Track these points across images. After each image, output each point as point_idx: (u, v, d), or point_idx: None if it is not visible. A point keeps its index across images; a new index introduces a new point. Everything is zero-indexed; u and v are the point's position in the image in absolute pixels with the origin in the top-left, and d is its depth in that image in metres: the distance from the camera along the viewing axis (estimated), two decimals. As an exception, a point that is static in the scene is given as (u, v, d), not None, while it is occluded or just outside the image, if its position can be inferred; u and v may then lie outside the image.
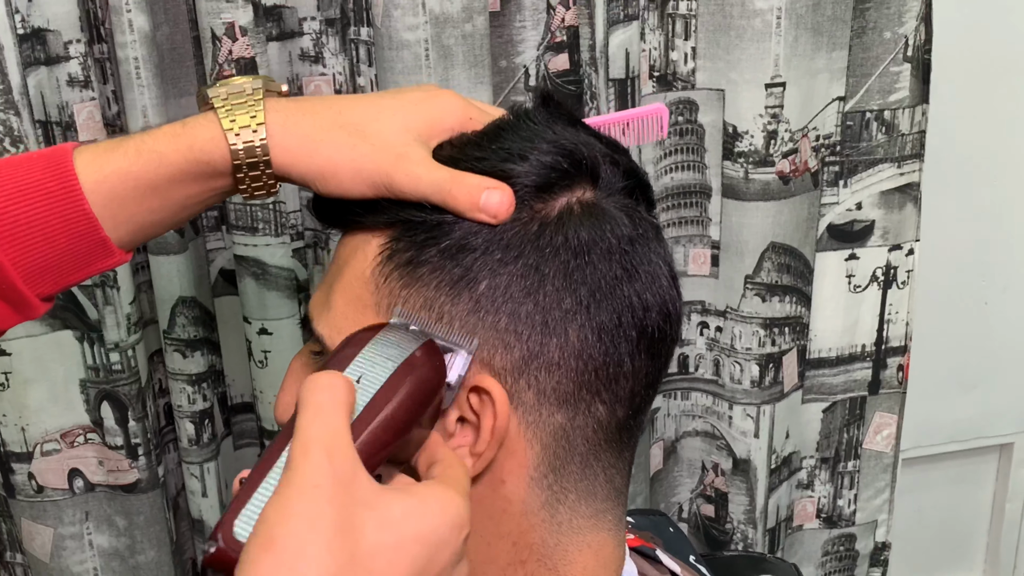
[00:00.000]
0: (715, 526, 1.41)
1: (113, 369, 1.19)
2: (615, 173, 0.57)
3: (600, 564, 0.58)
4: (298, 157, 0.57)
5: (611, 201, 0.56)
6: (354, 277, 0.57)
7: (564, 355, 0.54)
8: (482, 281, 0.54)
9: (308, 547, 0.42)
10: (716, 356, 1.33)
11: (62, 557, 1.27)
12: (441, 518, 0.47)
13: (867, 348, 1.37)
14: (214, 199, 0.60)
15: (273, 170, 0.57)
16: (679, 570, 0.66)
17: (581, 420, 0.55)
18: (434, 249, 0.54)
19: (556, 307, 0.54)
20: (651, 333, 0.56)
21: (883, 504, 1.46)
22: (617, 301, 0.55)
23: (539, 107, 0.58)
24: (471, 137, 0.58)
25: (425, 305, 0.54)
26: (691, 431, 1.39)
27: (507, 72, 1.15)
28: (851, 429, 1.41)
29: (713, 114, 1.24)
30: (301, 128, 0.57)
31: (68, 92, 1.12)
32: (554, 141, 0.56)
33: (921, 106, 1.26)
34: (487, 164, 0.55)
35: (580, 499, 0.57)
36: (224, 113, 0.57)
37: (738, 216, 1.25)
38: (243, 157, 0.56)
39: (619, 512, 0.60)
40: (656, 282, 0.56)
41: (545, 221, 0.54)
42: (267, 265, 1.16)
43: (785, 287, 1.28)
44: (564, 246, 0.54)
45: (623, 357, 0.55)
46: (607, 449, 0.57)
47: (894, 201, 1.31)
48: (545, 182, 0.55)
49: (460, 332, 0.54)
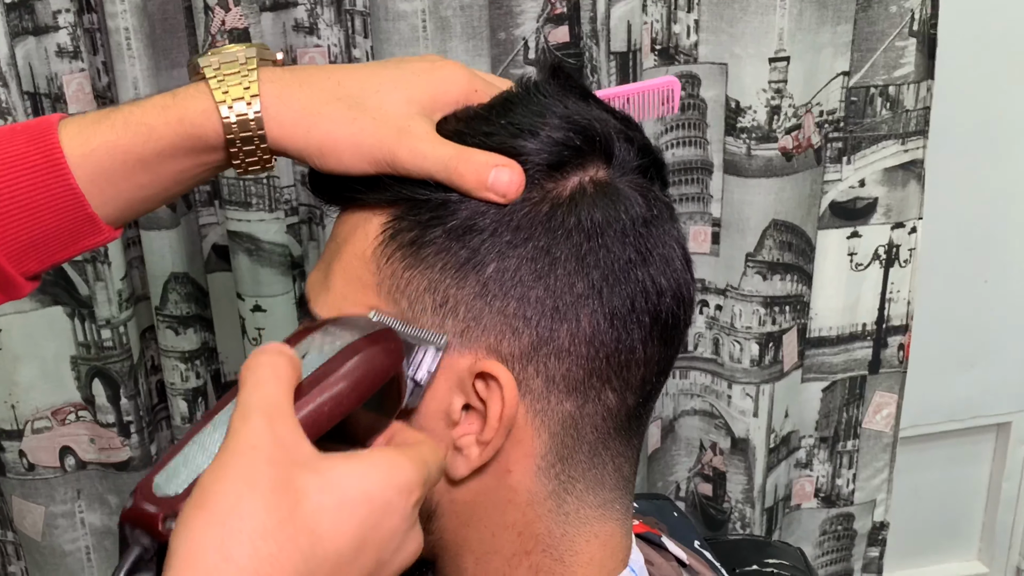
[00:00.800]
0: (713, 505, 1.40)
1: (104, 346, 1.18)
2: (629, 151, 0.55)
3: (607, 554, 0.57)
4: (294, 131, 0.54)
5: (625, 180, 0.54)
6: (354, 256, 0.55)
7: (575, 341, 0.52)
8: (490, 264, 0.51)
9: (243, 503, 0.42)
10: (716, 335, 1.32)
11: (54, 535, 1.25)
12: (388, 480, 0.46)
13: (868, 327, 1.36)
14: (207, 174, 0.58)
15: (268, 144, 0.55)
16: (685, 556, 0.65)
17: (591, 408, 0.53)
18: (439, 229, 0.52)
19: (567, 291, 0.51)
20: (665, 318, 0.54)
21: (882, 484, 1.45)
22: (630, 285, 0.52)
23: (549, 79, 0.56)
24: (478, 111, 0.55)
25: (429, 288, 0.52)
26: (689, 410, 1.38)
27: (506, 44, 1.13)
28: (851, 408, 1.40)
29: (715, 89, 1.21)
30: (297, 100, 0.54)
31: (57, 63, 1.09)
32: (566, 116, 0.53)
33: (926, 81, 1.25)
34: (496, 140, 0.53)
35: (588, 489, 0.55)
36: (216, 84, 0.54)
37: (740, 193, 1.23)
38: (236, 131, 0.54)
39: (627, 501, 0.58)
40: (670, 265, 0.54)
41: (557, 201, 0.52)
42: (261, 241, 1.14)
43: (786, 265, 1.26)
44: (577, 228, 0.52)
45: (635, 343, 0.53)
46: (616, 437, 0.55)
47: (897, 178, 1.29)
48: (557, 160, 0.52)
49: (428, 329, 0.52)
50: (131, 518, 0.45)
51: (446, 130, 0.54)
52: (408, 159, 0.53)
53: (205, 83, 0.55)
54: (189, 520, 0.42)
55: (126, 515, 0.45)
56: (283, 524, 0.42)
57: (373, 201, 0.54)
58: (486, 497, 0.54)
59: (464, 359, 0.52)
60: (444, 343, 0.52)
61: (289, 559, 0.41)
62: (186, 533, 0.41)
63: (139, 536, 0.44)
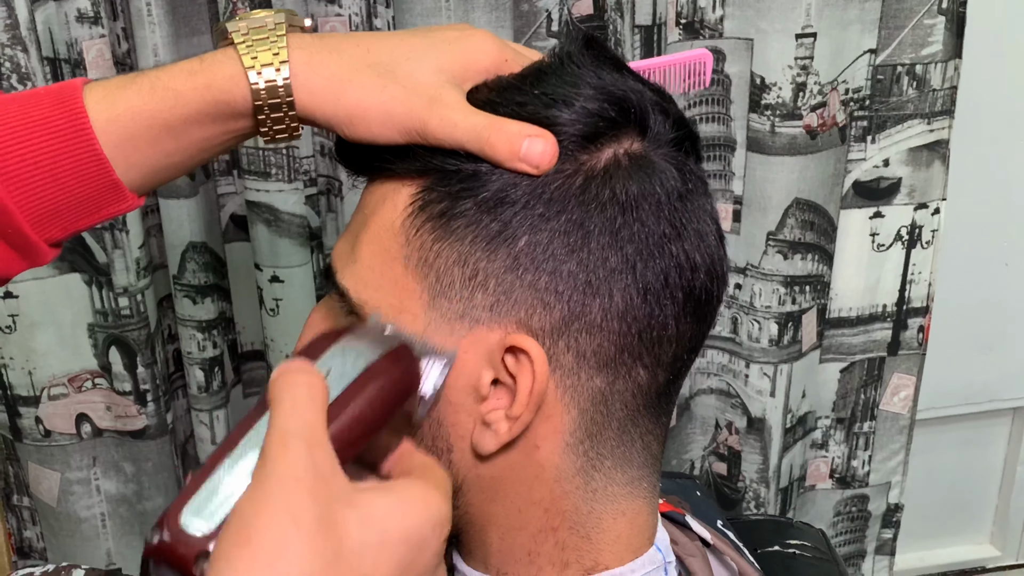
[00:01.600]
0: (727, 484, 1.40)
1: (122, 314, 1.17)
2: (664, 123, 0.53)
3: (634, 532, 0.56)
4: (324, 99, 0.53)
5: (660, 153, 0.53)
6: (382, 228, 0.53)
7: (607, 316, 0.51)
8: (521, 237, 0.50)
9: (290, 544, 0.39)
10: (734, 314, 1.31)
11: (69, 502, 1.26)
12: (424, 516, 0.44)
13: (888, 308, 1.35)
14: (233, 141, 0.57)
15: (297, 112, 0.54)
16: (709, 536, 0.64)
17: (621, 385, 0.53)
18: (470, 201, 0.51)
19: (601, 266, 0.51)
20: (698, 295, 0.53)
21: (897, 466, 1.44)
22: (664, 260, 0.51)
23: (583, 50, 0.55)
24: (510, 80, 0.54)
25: (459, 260, 0.51)
26: (706, 389, 1.37)
27: (528, 16, 1.12)
28: (868, 390, 1.39)
29: (740, 64, 1.20)
30: (327, 67, 0.53)
31: (77, 28, 1.08)
32: (600, 87, 0.52)
33: (954, 61, 1.23)
34: (529, 110, 0.51)
35: (616, 466, 0.55)
36: (245, 49, 0.53)
37: (762, 171, 1.22)
38: (265, 97, 0.53)
39: (654, 479, 0.57)
40: (704, 240, 0.53)
41: (591, 174, 0.51)
42: (279, 211, 1.14)
43: (808, 245, 1.25)
44: (611, 201, 0.51)
45: (668, 319, 0.52)
46: (646, 415, 0.55)
47: (922, 159, 1.28)
48: (591, 131, 0.51)
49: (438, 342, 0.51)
50: (159, 555, 0.42)
51: (478, 99, 0.53)
52: (439, 128, 0.52)
53: (233, 48, 0.54)
54: (232, 559, 0.39)
55: (153, 551, 0.42)
56: (330, 567, 0.40)
57: (402, 171, 0.53)
58: (513, 473, 0.54)
59: (494, 333, 0.51)
60: (453, 356, 0.51)
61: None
62: (229, 570, 0.39)
63: (165, 573, 0.42)
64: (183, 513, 0.42)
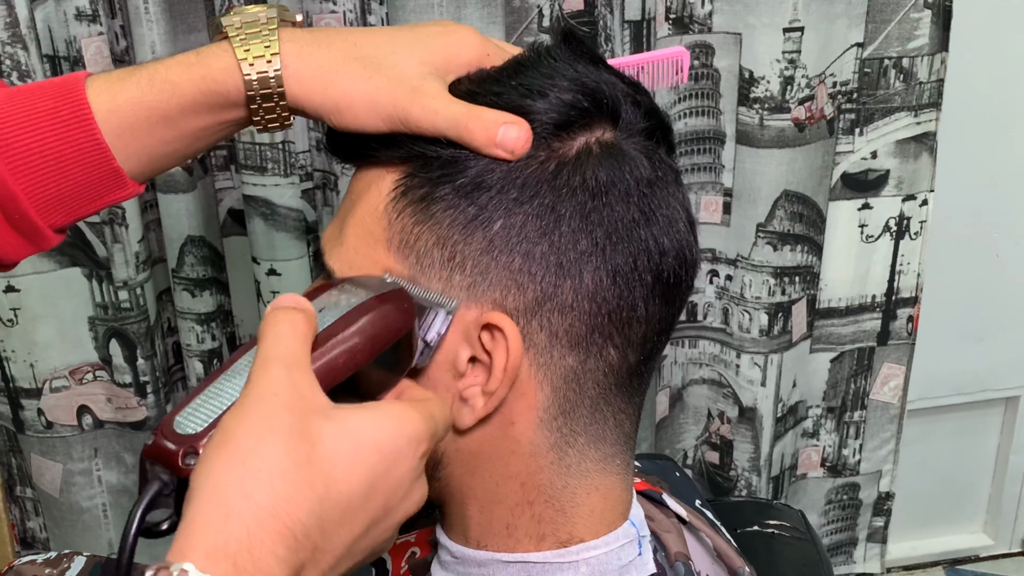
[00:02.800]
0: (719, 473, 1.42)
1: (122, 307, 1.19)
2: (636, 113, 0.56)
3: (608, 507, 0.58)
4: (313, 89, 0.56)
5: (631, 142, 0.55)
6: (367, 212, 0.56)
7: (578, 297, 0.53)
8: (496, 221, 0.53)
9: (263, 445, 0.43)
10: (725, 304, 1.33)
11: (71, 492, 1.28)
12: (399, 430, 0.48)
13: (877, 299, 1.36)
14: (227, 130, 0.59)
15: (287, 102, 0.56)
16: (685, 513, 0.66)
17: (592, 364, 0.55)
18: (448, 186, 0.54)
19: (571, 248, 0.53)
20: (666, 278, 0.55)
21: (888, 454, 1.46)
22: (633, 244, 0.54)
23: (560, 44, 0.57)
24: (490, 72, 0.57)
25: (438, 243, 0.54)
26: (698, 379, 1.39)
27: (520, 12, 1.14)
28: (858, 379, 1.41)
29: (729, 58, 1.22)
30: (316, 59, 0.56)
31: (76, 26, 1.10)
32: (575, 79, 0.55)
33: (940, 54, 1.24)
34: (506, 99, 0.54)
35: (589, 443, 0.57)
36: (238, 43, 0.56)
37: (752, 163, 1.24)
38: (257, 88, 0.55)
39: (627, 457, 0.60)
40: (673, 226, 0.55)
41: (563, 160, 0.53)
42: (276, 205, 1.16)
43: (797, 236, 1.27)
44: (582, 186, 0.53)
45: (637, 301, 0.54)
46: (617, 394, 0.57)
47: (910, 151, 1.29)
48: (564, 120, 0.54)
49: (440, 293, 0.54)
50: (152, 454, 0.47)
51: (459, 90, 0.55)
52: (421, 116, 0.54)
53: (227, 42, 0.56)
54: (211, 459, 0.43)
55: (147, 451, 0.47)
56: (300, 466, 0.44)
57: (387, 158, 0.56)
58: (490, 447, 0.56)
59: (471, 312, 0.54)
60: (455, 307, 0.54)
61: (305, 499, 0.43)
62: (208, 471, 0.43)
63: (159, 472, 0.46)
64: (175, 420, 0.47)
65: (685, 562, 0.62)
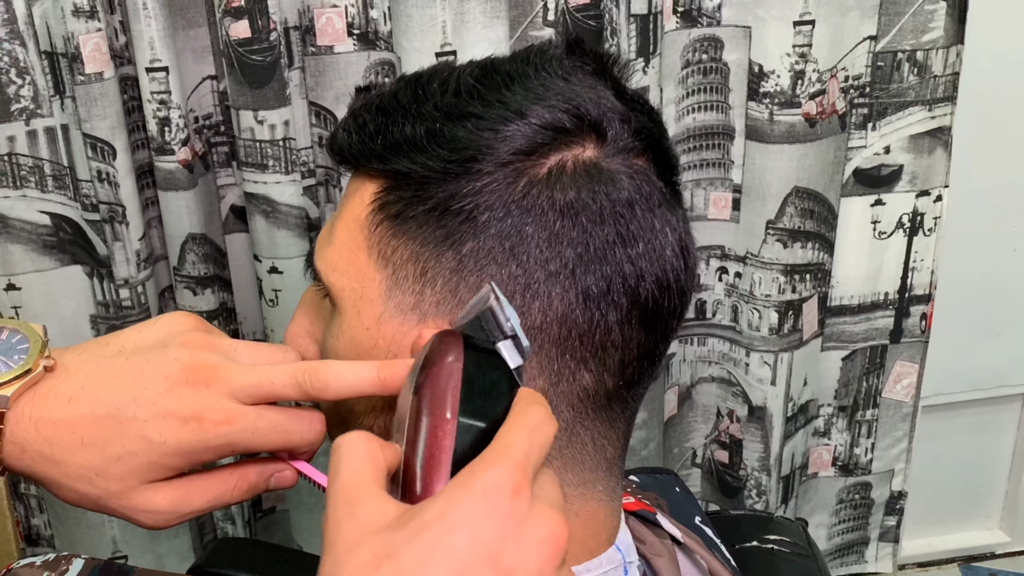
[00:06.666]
0: (728, 472, 1.40)
1: (123, 305, 1.19)
2: (624, 131, 0.54)
3: (589, 533, 0.57)
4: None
5: (615, 161, 0.53)
6: (351, 219, 0.56)
7: (547, 319, 0.52)
8: (466, 243, 0.52)
9: None
10: (734, 302, 1.31)
11: (75, 490, 1.27)
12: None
13: (890, 296, 1.34)
14: None
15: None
16: (679, 534, 0.64)
17: (565, 387, 0.53)
18: (420, 208, 0.53)
19: (540, 269, 0.51)
20: (644, 303, 0.53)
21: (900, 453, 1.44)
22: (607, 267, 0.52)
23: (563, 54, 0.56)
24: (476, 85, 0.54)
25: (411, 258, 0.53)
26: (707, 377, 1.37)
27: (524, 5, 1.12)
28: (871, 378, 1.38)
29: (738, 52, 1.19)
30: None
31: (74, 22, 1.08)
32: (563, 94, 0.53)
33: (956, 47, 1.22)
34: (483, 124, 0.52)
35: (566, 467, 0.55)
36: None
37: (761, 159, 1.22)
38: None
39: (611, 483, 0.58)
40: (656, 251, 0.53)
41: (533, 180, 0.52)
42: (277, 203, 1.14)
43: (808, 233, 1.25)
44: (551, 206, 0.51)
45: (611, 325, 0.52)
46: (595, 418, 0.55)
47: (924, 145, 1.27)
48: (531, 144, 0.52)
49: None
50: None
51: (438, 106, 0.53)
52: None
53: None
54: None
55: None
56: None
57: (368, 168, 0.55)
58: None
59: (441, 327, 0.53)
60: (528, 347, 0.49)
61: None
62: None
63: None
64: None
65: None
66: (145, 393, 0.54)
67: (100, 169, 1.11)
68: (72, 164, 1.14)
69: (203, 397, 0.54)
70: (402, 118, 0.54)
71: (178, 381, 0.54)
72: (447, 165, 0.52)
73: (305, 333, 0.61)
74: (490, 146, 0.52)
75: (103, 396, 0.54)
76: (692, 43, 1.20)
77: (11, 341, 0.56)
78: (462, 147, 0.52)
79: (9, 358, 0.55)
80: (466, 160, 0.52)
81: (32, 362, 0.55)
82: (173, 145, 1.11)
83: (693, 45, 1.20)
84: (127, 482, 0.55)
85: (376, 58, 1.14)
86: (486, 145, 0.52)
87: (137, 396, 0.54)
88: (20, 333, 0.57)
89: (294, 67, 1.12)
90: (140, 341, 0.57)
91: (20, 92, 1.11)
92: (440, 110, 0.53)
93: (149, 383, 0.54)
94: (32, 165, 1.14)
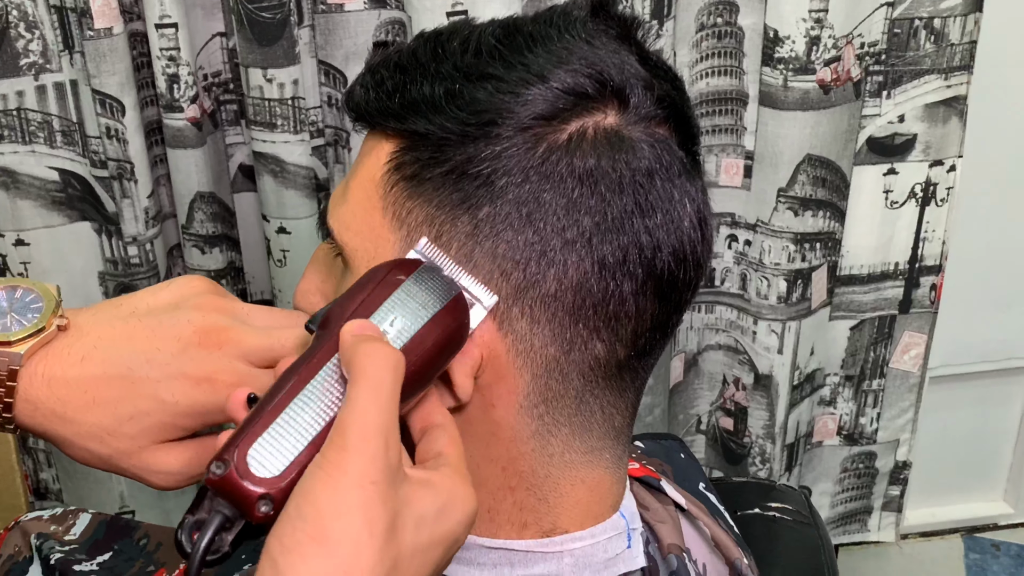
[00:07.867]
0: (733, 439, 1.40)
1: (131, 262, 1.19)
2: (647, 98, 0.53)
3: (595, 499, 0.57)
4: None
5: (636, 129, 0.52)
6: (367, 177, 0.55)
7: (561, 287, 0.51)
8: (483, 207, 0.51)
9: (363, 552, 0.42)
10: (743, 270, 1.30)
11: (83, 445, 1.28)
12: (463, 519, 0.47)
13: (900, 266, 1.33)
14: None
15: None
16: (683, 501, 0.64)
17: (577, 355, 0.53)
18: (437, 170, 0.52)
19: (557, 236, 0.51)
20: (660, 274, 0.52)
21: (906, 423, 1.44)
22: (624, 236, 0.51)
23: (587, 16, 0.54)
24: (498, 45, 0.53)
25: (427, 220, 0.52)
26: (714, 344, 1.37)
27: (538, -33, 1.10)
28: (878, 348, 1.38)
29: (754, 16, 1.18)
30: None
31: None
32: (585, 58, 0.52)
33: (974, 14, 1.20)
34: (503, 87, 0.51)
35: (574, 433, 0.55)
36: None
37: (774, 126, 1.20)
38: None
39: (619, 451, 0.58)
40: (674, 222, 0.52)
41: (552, 145, 0.51)
42: (285, 163, 1.14)
43: (819, 201, 1.24)
44: (569, 173, 0.51)
45: (626, 295, 0.52)
46: (606, 387, 0.55)
47: (938, 115, 1.25)
48: (552, 109, 0.51)
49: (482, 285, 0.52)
50: (220, 488, 0.44)
51: (457, 66, 0.53)
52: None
53: None
54: (308, 555, 0.42)
55: (217, 483, 0.44)
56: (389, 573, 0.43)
57: (384, 127, 0.54)
58: (472, 428, 0.55)
59: None
60: (492, 302, 0.52)
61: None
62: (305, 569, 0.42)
63: (222, 505, 0.44)
64: (250, 452, 0.44)
65: (679, 554, 0.60)
66: (158, 354, 0.54)
67: (109, 125, 1.10)
68: (81, 120, 1.14)
69: (215, 359, 0.54)
70: (420, 76, 0.53)
71: (191, 343, 0.54)
72: (465, 128, 0.51)
73: (316, 290, 0.61)
74: (510, 110, 0.51)
75: (116, 356, 0.54)
76: (707, 6, 1.18)
77: (25, 300, 0.56)
78: (481, 109, 0.51)
79: (23, 316, 0.55)
80: (485, 123, 0.51)
81: (46, 321, 0.55)
82: (182, 102, 1.10)
83: (708, 8, 1.19)
84: (138, 442, 0.55)
85: (387, 16, 1.13)
86: (506, 108, 0.51)
87: (150, 357, 0.54)
88: (34, 292, 0.57)
89: (304, 25, 1.11)
90: (153, 303, 0.57)
91: (29, 47, 1.10)
92: (460, 70, 0.52)
93: (162, 344, 0.54)
94: (41, 120, 1.13)
